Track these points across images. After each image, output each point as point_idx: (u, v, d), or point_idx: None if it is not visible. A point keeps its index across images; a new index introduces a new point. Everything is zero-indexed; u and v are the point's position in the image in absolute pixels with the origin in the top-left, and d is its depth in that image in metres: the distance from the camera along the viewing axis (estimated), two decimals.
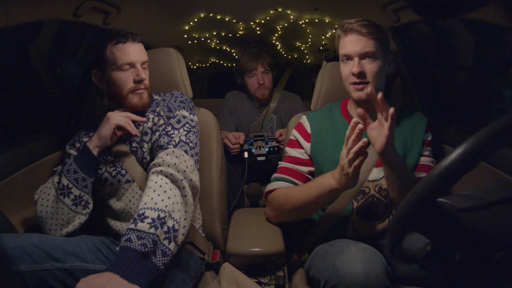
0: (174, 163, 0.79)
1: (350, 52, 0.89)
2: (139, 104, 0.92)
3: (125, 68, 0.89)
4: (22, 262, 0.69)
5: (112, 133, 0.88)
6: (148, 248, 0.64)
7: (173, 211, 0.72)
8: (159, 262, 0.66)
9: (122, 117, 0.88)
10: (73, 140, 0.97)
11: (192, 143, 0.88)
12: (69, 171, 0.87)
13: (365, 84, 0.89)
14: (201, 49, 2.35)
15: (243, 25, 1.91)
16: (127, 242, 0.65)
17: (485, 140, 0.45)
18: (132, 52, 0.90)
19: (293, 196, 0.90)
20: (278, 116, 1.72)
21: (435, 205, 0.50)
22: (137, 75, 0.90)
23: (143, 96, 0.92)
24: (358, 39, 0.88)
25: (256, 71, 1.64)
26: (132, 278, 0.61)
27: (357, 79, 0.89)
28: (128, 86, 0.90)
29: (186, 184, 0.78)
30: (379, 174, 0.94)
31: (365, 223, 0.94)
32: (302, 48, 2.41)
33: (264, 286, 0.97)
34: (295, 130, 1.03)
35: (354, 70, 0.88)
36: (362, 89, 0.90)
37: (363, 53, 0.88)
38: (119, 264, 0.62)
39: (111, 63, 0.89)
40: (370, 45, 0.88)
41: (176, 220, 0.72)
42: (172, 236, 0.70)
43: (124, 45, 0.89)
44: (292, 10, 1.70)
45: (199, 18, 1.73)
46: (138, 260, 0.63)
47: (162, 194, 0.73)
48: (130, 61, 0.89)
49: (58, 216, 0.86)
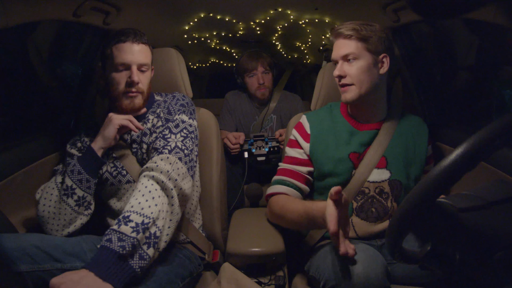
0: (167, 171, 0.78)
1: (334, 56, 0.93)
2: (129, 107, 0.90)
3: (120, 69, 0.88)
4: (22, 262, 0.69)
5: (115, 134, 0.88)
6: (126, 250, 0.66)
7: (157, 218, 0.72)
8: (136, 265, 0.67)
9: (124, 119, 0.88)
10: (74, 139, 0.97)
11: (187, 149, 0.88)
12: (73, 172, 0.87)
13: (349, 86, 0.91)
14: (201, 49, 2.35)
15: (243, 25, 1.91)
16: (107, 242, 0.66)
17: (485, 140, 0.45)
18: (129, 53, 0.87)
19: (288, 213, 0.90)
20: (278, 116, 1.72)
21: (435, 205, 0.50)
22: (130, 77, 0.87)
23: (134, 100, 0.90)
24: (341, 43, 0.91)
25: (256, 70, 1.64)
26: (107, 277, 0.62)
27: (339, 81, 0.92)
28: (120, 87, 0.88)
29: (175, 194, 0.78)
30: (380, 176, 0.94)
31: (365, 223, 0.94)
32: (302, 48, 2.41)
33: (264, 286, 0.97)
34: (294, 130, 1.04)
35: (334, 73, 0.92)
36: (345, 91, 0.92)
37: (344, 55, 0.91)
38: (96, 263, 0.64)
39: (110, 62, 0.89)
40: (350, 46, 0.90)
41: (159, 227, 0.72)
42: (153, 242, 0.70)
43: (123, 44, 0.88)
44: (292, 10, 1.70)
45: (199, 18, 1.73)
46: (115, 261, 0.65)
47: (150, 200, 0.73)
48: (125, 62, 0.87)
49: (60, 217, 0.86)
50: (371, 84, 0.91)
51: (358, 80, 0.90)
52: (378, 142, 0.95)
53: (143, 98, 0.92)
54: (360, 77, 0.90)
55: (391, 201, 0.94)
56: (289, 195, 0.96)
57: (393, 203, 0.94)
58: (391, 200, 0.94)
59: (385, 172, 0.94)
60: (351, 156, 0.94)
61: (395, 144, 0.95)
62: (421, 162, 0.97)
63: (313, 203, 0.82)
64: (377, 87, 0.93)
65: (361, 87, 0.90)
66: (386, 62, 0.92)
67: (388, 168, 0.94)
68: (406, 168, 0.95)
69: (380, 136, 0.95)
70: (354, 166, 0.94)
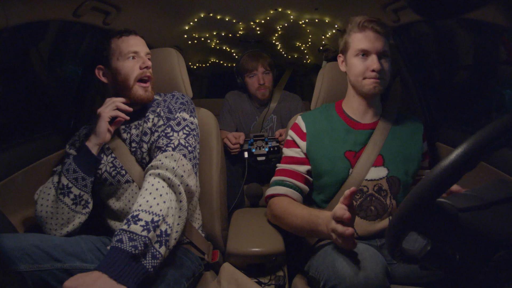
0: (172, 167, 0.78)
1: (369, 48, 0.92)
2: (144, 96, 0.94)
3: (130, 56, 0.92)
4: (22, 262, 0.69)
5: (107, 128, 0.88)
6: (138, 250, 0.64)
7: (167, 215, 0.71)
8: (149, 265, 0.65)
9: (110, 109, 0.89)
10: (73, 140, 0.97)
11: (191, 146, 0.88)
12: (68, 171, 0.87)
13: (378, 80, 0.93)
14: (201, 49, 2.35)
15: (243, 25, 1.91)
16: (118, 242, 0.64)
17: (485, 140, 0.45)
18: (136, 43, 0.94)
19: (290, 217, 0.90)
20: (278, 116, 1.72)
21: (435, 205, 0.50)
22: (143, 62, 0.93)
23: (148, 89, 0.94)
24: (376, 37, 0.91)
25: (257, 71, 1.64)
26: (121, 279, 0.60)
27: (377, 74, 0.92)
28: (135, 73, 0.92)
29: (182, 190, 0.77)
30: (378, 174, 0.94)
31: (364, 222, 0.94)
32: (302, 48, 2.41)
33: (264, 286, 0.97)
34: (291, 130, 1.05)
35: (375, 67, 0.91)
36: (377, 83, 0.93)
37: (382, 51, 0.92)
38: (108, 264, 0.61)
39: (116, 54, 0.92)
40: (386, 44, 0.92)
41: (169, 225, 0.71)
42: (164, 240, 0.69)
43: (128, 37, 0.94)
44: (292, 10, 1.70)
45: (199, 18, 1.73)
46: (128, 261, 0.63)
47: (158, 197, 0.72)
48: (135, 50, 0.93)
49: (58, 216, 0.86)
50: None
51: (387, 76, 0.94)
52: (373, 141, 0.96)
53: (152, 87, 0.96)
54: (388, 74, 0.94)
55: (390, 199, 0.94)
56: (291, 198, 0.97)
57: (392, 201, 0.95)
58: (390, 197, 0.94)
59: (382, 170, 0.94)
60: (347, 155, 0.95)
61: (391, 142, 0.96)
62: (418, 159, 0.98)
63: (319, 211, 0.83)
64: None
65: (386, 83, 0.94)
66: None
67: (385, 166, 0.95)
68: (403, 164, 0.95)
69: (375, 135, 0.96)
70: (351, 164, 0.95)
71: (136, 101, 0.93)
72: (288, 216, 0.91)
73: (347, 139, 0.97)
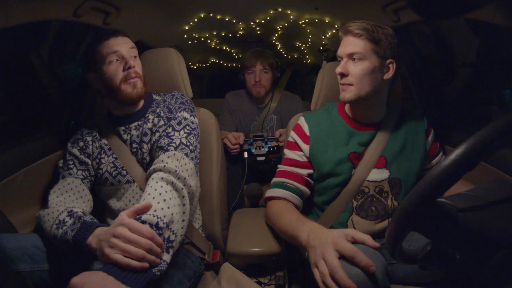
0: (175, 170, 0.77)
1: (339, 53, 0.90)
2: (134, 93, 0.91)
3: (113, 59, 0.89)
4: (22, 262, 0.69)
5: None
6: None
7: (171, 221, 0.70)
8: (155, 269, 0.65)
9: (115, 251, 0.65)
10: (75, 137, 0.96)
11: (192, 145, 0.88)
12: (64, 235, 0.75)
13: (348, 85, 0.89)
14: (201, 49, 2.35)
15: (243, 25, 1.91)
16: None
17: (485, 140, 0.45)
18: (116, 43, 0.90)
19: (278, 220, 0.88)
20: (278, 116, 1.72)
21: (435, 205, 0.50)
22: (126, 63, 0.90)
23: (136, 85, 0.91)
24: (349, 40, 0.88)
25: (255, 68, 1.65)
26: (127, 281, 0.60)
27: (340, 79, 0.90)
28: (119, 76, 0.89)
29: (186, 193, 0.77)
30: (380, 176, 0.94)
31: (365, 222, 0.94)
32: (302, 48, 2.41)
33: (264, 286, 0.97)
34: (293, 132, 1.02)
35: (336, 70, 0.90)
36: (344, 90, 0.90)
37: (350, 53, 0.87)
38: (114, 266, 0.61)
39: (101, 60, 0.90)
40: (359, 45, 0.86)
41: (173, 231, 0.71)
42: (167, 247, 0.69)
43: (108, 41, 0.90)
44: (292, 10, 1.70)
45: (199, 18, 1.73)
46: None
47: (162, 202, 0.71)
48: (115, 50, 0.89)
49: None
50: (372, 88, 0.88)
51: (359, 81, 0.87)
52: (376, 142, 0.95)
53: (142, 83, 0.94)
54: (362, 79, 0.87)
55: (391, 200, 0.94)
56: (288, 201, 0.95)
57: (393, 201, 0.94)
58: (391, 198, 0.94)
59: (384, 172, 0.94)
60: (351, 156, 0.94)
61: (394, 143, 0.95)
62: (420, 158, 0.97)
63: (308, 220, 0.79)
64: (378, 92, 0.91)
65: (361, 89, 0.88)
66: (392, 68, 0.89)
67: (388, 168, 0.94)
68: (405, 165, 0.95)
69: (378, 136, 0.95)
70: (354, 165, 0.94)
71: (127, 100, 0.91)
72: (278, 218, 0.89)
73: (351, 142, 0.95)
